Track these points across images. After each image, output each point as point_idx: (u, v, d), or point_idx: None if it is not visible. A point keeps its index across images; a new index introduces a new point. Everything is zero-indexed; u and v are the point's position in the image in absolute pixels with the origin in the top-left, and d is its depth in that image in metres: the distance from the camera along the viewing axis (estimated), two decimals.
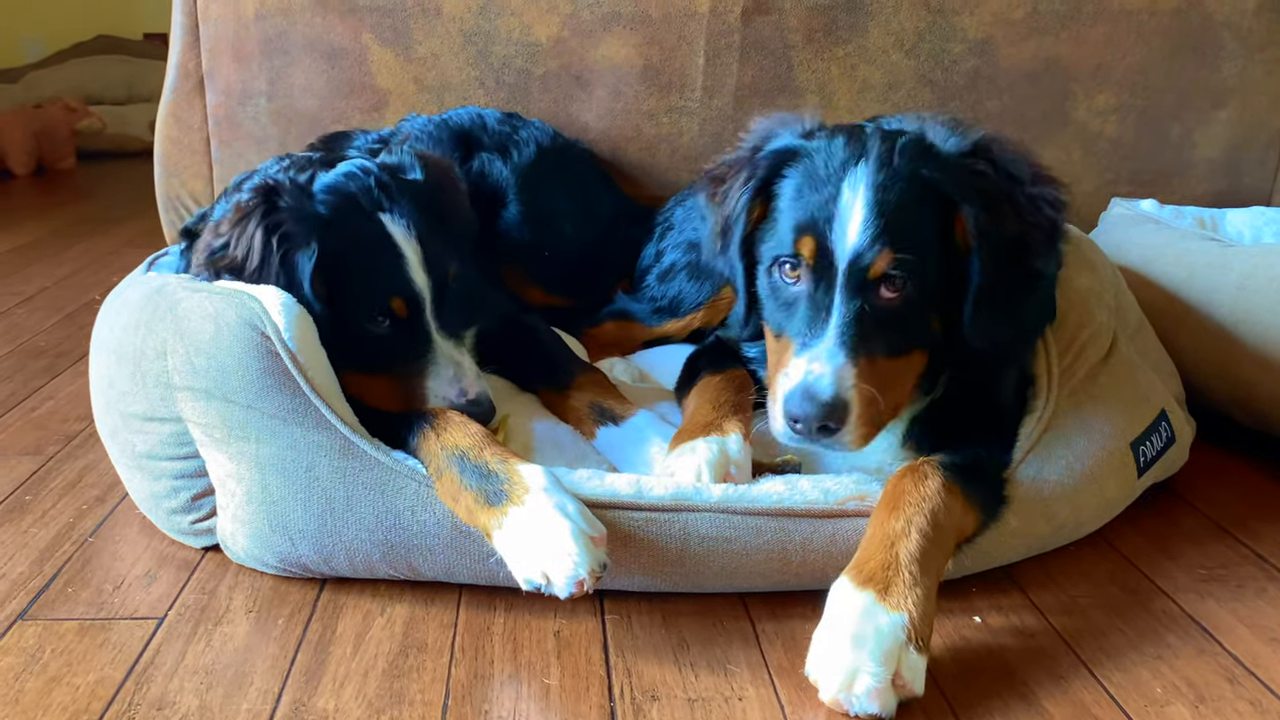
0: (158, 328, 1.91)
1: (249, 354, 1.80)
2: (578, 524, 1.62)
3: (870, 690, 1.46)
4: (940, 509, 1.66)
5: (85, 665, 1.61)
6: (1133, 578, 1.88)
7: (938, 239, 1.77)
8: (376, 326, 1.95)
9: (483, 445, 1.76)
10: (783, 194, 1.84)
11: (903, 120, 1.93)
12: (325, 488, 1.77)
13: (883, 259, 1.72)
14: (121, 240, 4.47)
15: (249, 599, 1.79)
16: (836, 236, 1.74)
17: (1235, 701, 1.55)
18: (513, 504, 1.66)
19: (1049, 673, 1.61)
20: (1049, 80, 3.10)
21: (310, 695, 1.55)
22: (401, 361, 1.97)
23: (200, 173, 3.18)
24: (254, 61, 3.09)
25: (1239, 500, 2.16)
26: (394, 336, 1.97)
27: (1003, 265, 1.76)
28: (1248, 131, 3.17)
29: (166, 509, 1.94)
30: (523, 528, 1.63)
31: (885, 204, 1.73)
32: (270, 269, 1.90)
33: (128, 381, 1.94)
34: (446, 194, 2.14)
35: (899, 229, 1.73)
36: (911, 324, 1.78)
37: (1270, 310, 2.25)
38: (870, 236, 1.72)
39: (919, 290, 1.75)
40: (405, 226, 1.96)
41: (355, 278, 1.94)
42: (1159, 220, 2.79)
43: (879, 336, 1.74)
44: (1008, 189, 1.79)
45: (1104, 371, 2.02)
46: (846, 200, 1.75)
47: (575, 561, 1.58)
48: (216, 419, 1.81)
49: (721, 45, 3.07)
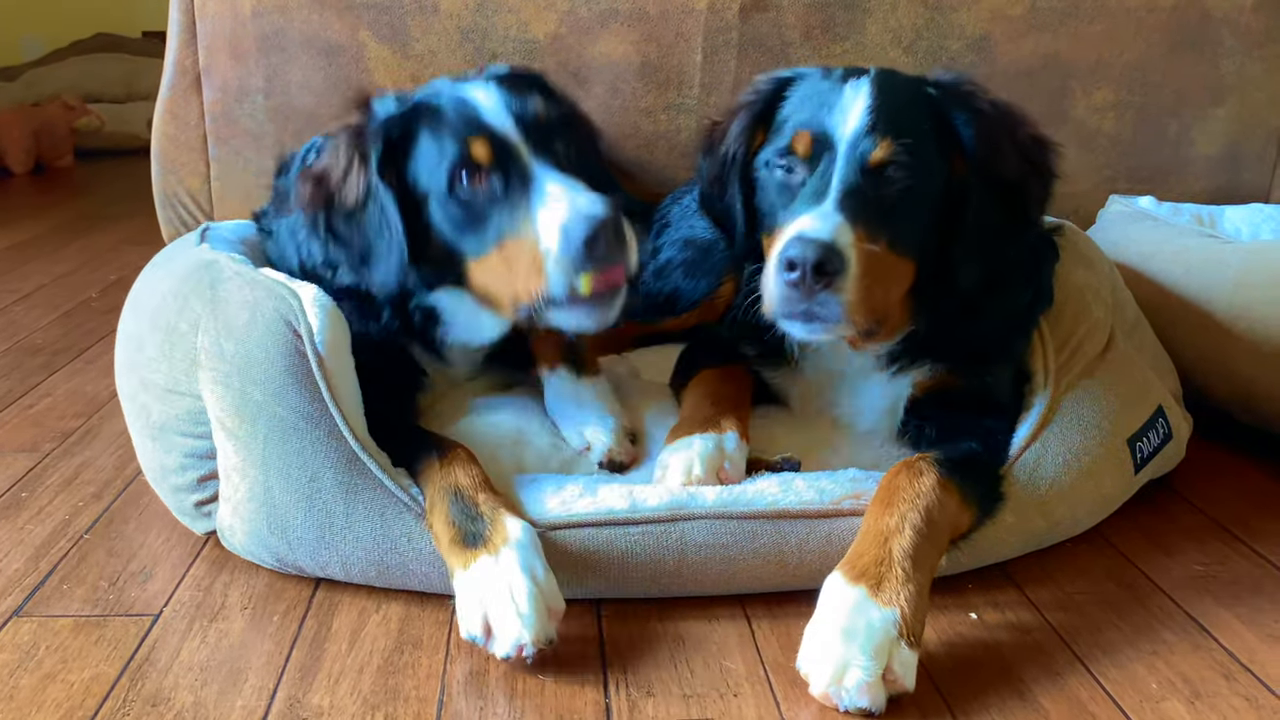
0: (194, 303, 1.92)
1: (277, 348, 1.80)
2: (540, 590, 1.58)
3: (860, 685, 1.46)
4: (935, 505, 1.66)
5: (80, 662, 1.61)
6: (1129, 574, 1.88)
7: (936, 155, 1.80)
8: (468, 187, 1.80)
9: (479, 487, 1.73)
10: (783, 111, 1.89)
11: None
12: (327, 500, 1.76)
13: (883, 147, 1.75)
14: (119, 238, 4.47)
15: (244, 596, 1.79)
16: (836, 125, 1.78)
17: (1231, 698, 1.54)
18: (485, 551, 1.62)
19: (1045, 669, 1.61)
20: (1047, 77, 3.09)
21: (305, 692, 1.55)
22: (509, 217, 1.78)
23: (197, 170, 3.17)
24: (251, 58, 3.08)
25: (1236, 497, 2.15)
26: (494, 194, 1.80)
27: (995, 201, 1.80)
28: (1246, 128, 3.16)
29: (173, 485, 1.94)
30: (486, 576, 1.59)
31: (887, 103, 1.78)
32: (351, 171, 1.85)
33: (155, 349, 1.95)
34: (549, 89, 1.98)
35: (899, 124, 1.77)
36: (907, 221, 1.78)
37: (1267, 307, 2.25)
38: (870, 124, 1.76)
39: (917, 188, 1.78)
40: (486, 87, 1.85)
41: (431, 145, 1.84)
42: (1157, 217, 2.79)
43: (876, 220, 1.73)
44: (1008, 123, 1.84)
45: (1101, 367, 2.01)
46: (849, 98, 1.79)
47: (524, 626, 1.54)
48: (231, 408, 1.81)
49: (719, 42, 3.07)
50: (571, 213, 1.70)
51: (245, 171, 3.16)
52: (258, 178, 3.16)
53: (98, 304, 3.51)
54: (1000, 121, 1.84)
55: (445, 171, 1.80)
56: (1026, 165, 1.84)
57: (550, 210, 1.72)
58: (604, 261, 1.70)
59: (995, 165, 1.79)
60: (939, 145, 1.80)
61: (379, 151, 1.82)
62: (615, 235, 1.70)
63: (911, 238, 1.79)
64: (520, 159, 1.78)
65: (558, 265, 1.70)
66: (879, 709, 1.48)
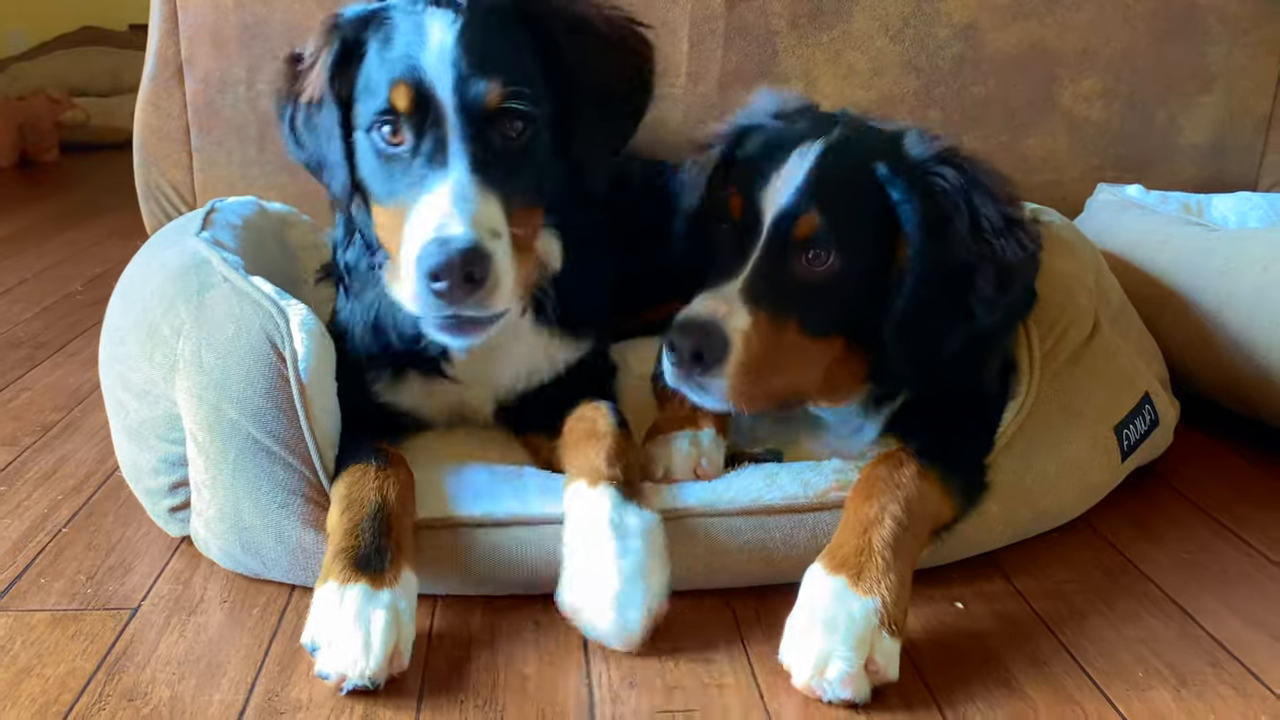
0: (180, 307, 1.87)
1: (259, 368, 1.75)
2: (399, 640, 1.51)
3: (842, 675, 1.45)
4: (915, 495, 1.64)
5: (56, 656, 1.59)
6: (1116, 562, 1.87)
7: (874, 236, 1.71)
8: (385, 135, 1.65)
9: (402, 516, 1.64)
10: (738, 161, 1.84)
11: (881, 123, 1.90)
12: (297, 528, 1.72)
13: (808, 222, 1.68)
14: (104, 232, 4.44)
15: (223, 589, 1.77)
16: (770, 196, 1.70)
17: (1217, 685, 1.54)
18: (369, 581, 1.53)
19: (1031, 658, 1.60)
20: (1034, 65, 3.08)
21: (284, 686, 1.53)
22: (406, 184, 1.63)
23: (180, 161, 3.15)
24: (233, 49, 3.05)
25: (1222, 484, 2.15)
26: (402, 153, 1.64)
27: (934, 292, 1.69)
28: (1233, 116, 3.16)
29: (147, 487, 1.91)
30: (356, 604, 1.51)
31: (825, 179, 1.69)
32: (314, 68, 1.74)
33: (136, 346, 1.90)
34: (548, 15, 1.73)
35: (833, 204, 1.68)
36: (828, 303, 1.71)
37: (1253, 296, 2.24)
38: (801, 197, 1.69)
39: (843, 269, 1.70)
40: (449, 21, 1.64)
41: (372, 70, 1.68)
42: (1144, 206, 2.78)
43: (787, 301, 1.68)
44: (971, 205, 1.70)
45: (1086, 355, 2.00)
46: (790, 168, 1.71)
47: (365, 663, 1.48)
48: (204, 422, 1.76)
49: (705, 31, 3.05)
50: (423, 239, 1.54)
51: (228, 162, 3.14)
52: (240, 169, 3.14)
53: (82, 297, 3.48)
54: (957, 203, 1.70)
55: (370, 109, 1.67)
56: (981, 252, 1.70)
57: (417, 219, 1.58)
58: (451, 296, 1.55)
59: (937, 252, 1.68)
60: (883, 228, 1.70)
61: (334, 55, 1.71)
62: (465, 280, 1.52)
63: (830, 319, 1.73)
64: (441, 130, 1.61)
65: (409, 280, 1.58)
66: (863, 699, 1.46)
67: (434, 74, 1.61)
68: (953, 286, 1.70)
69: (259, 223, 2.38)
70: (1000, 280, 1.71)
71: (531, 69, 1.68)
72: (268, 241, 2.36)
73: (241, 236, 2.20)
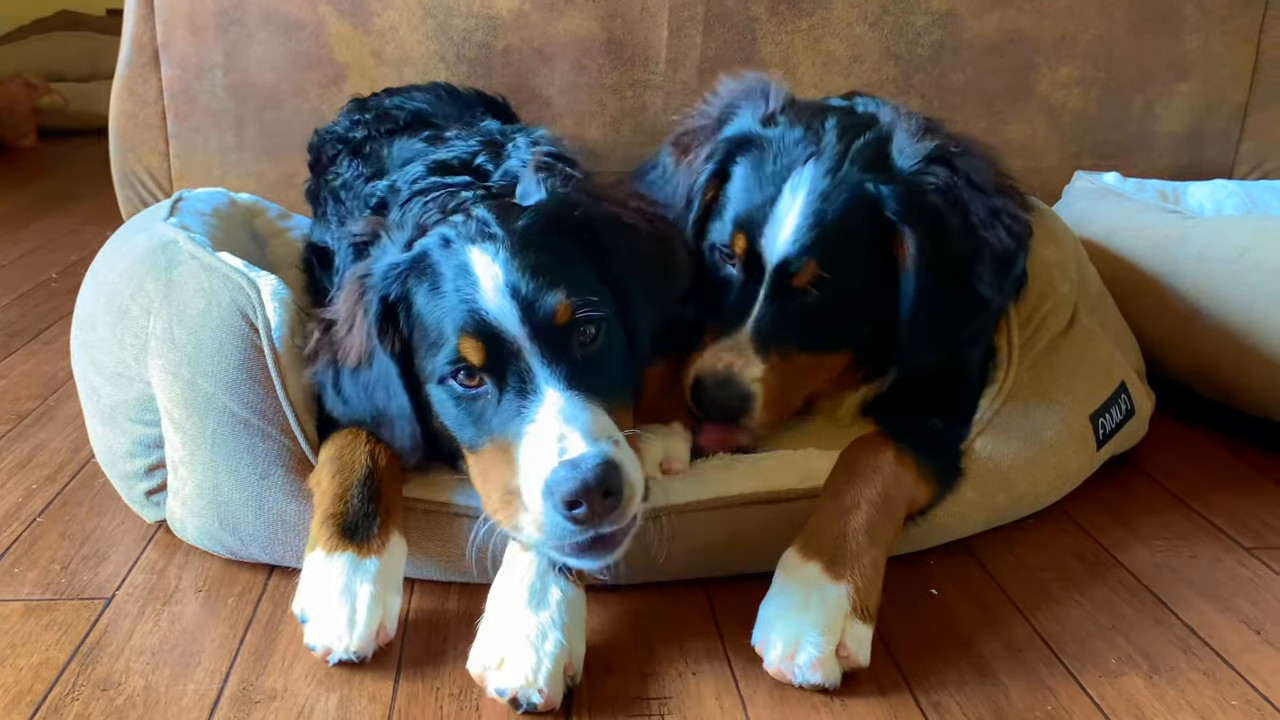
0: (148, 286, 1.87)
1: (231, 341, 1.75)
2: (385, 610, 1.52)
3: (812, 660, 1.45)
4: (890, 480, 1.65)
5: (29, 647, 1.58)
6: (1090, 549, 1.88)
7: (875, 254, 1.76)
8: (461, 381, 1.54)
9: (393, 481, 1.64)
10: (732, 181, 1.85)
11: (879, 105, 1.90)
12: (278, 499, 1.72)
13: (809, 269, 1.75)
14: (81, 219, 4.40)
15: (198, 578, 1.77)
16: (768, 236, 1.76)
17: (1189, 672, 1.55)
18: (356, 549, 1.54)
19: (1005, 645, 1.61)
20: (1013, 52, 3.09)
21: (259, 675, 1.53)
22: (499, 422, 1.51)
23: (157, 148, 3.13)
24: (209, 34, 3.03)
25: (1196, 471, 2.16)
26: (488, 396, 1.53)
27: (942, 289, 1.75)
28: (1210, 104, 3.17)
29: (122, 471, 1.90)
30: (342, 572, 1.52)
31: (820, 214, 1.74)
32: (353, 328, 1.63)
33: (107, 330, 1.90)
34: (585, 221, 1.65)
35: (830, 242, 1.74)
36: (832, 326, 1.80)
37: (1228, 282, 2.25)
38: (799, 245, 1.74)
39: (846, 295, 1.77)
40: (493, 253, 1.55)
41: (428, 321, 1.58)
42: (1121, 193, 2.79)
43: (794, 334, 1.78)
44: (961, 202, 1.75)
45: (1064, 343, 2.01)
46: (785, 204, 1.76)
47: (350, 635, 1.49)
48: (179, 399, 1.76)
49: (685, 18, 3.04)
50: (546, 468, 1.41)
51: (205, 149, 3.12)
52: (218, 155, 3.13)
53: (58, 284, 3.45)
54: (949, 203, 1.75)
55: (439, 362, 1.55)
56: (976, 243, 1.76)
57: (530, 451, 1.45)
58: (591, 518, 1.41)
59: (936, 252, 1.73)
60: (881, 243, 1.75)
61: (375, 315, 1.59)
62: (604, 497, 1.40)
63: (839, 338, 1.82)
64: (521, 361, 1.50)
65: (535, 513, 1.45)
66: (833, 684, 1.47)
67: (498, 313, 1.51)
68: (957, 277, 1.76)
69: (228, 212, 2.37)
70: (999, 265, 1.79)
71: (584, 274, 1.59)
72: (236, 230, 2.35)
73: (210, 223, 2.19)
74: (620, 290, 1.63)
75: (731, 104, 1.94)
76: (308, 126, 3.10)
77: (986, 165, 1.81)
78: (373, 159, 2.11)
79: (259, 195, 2.74)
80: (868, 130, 1.82)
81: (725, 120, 1.92)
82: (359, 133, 2.27)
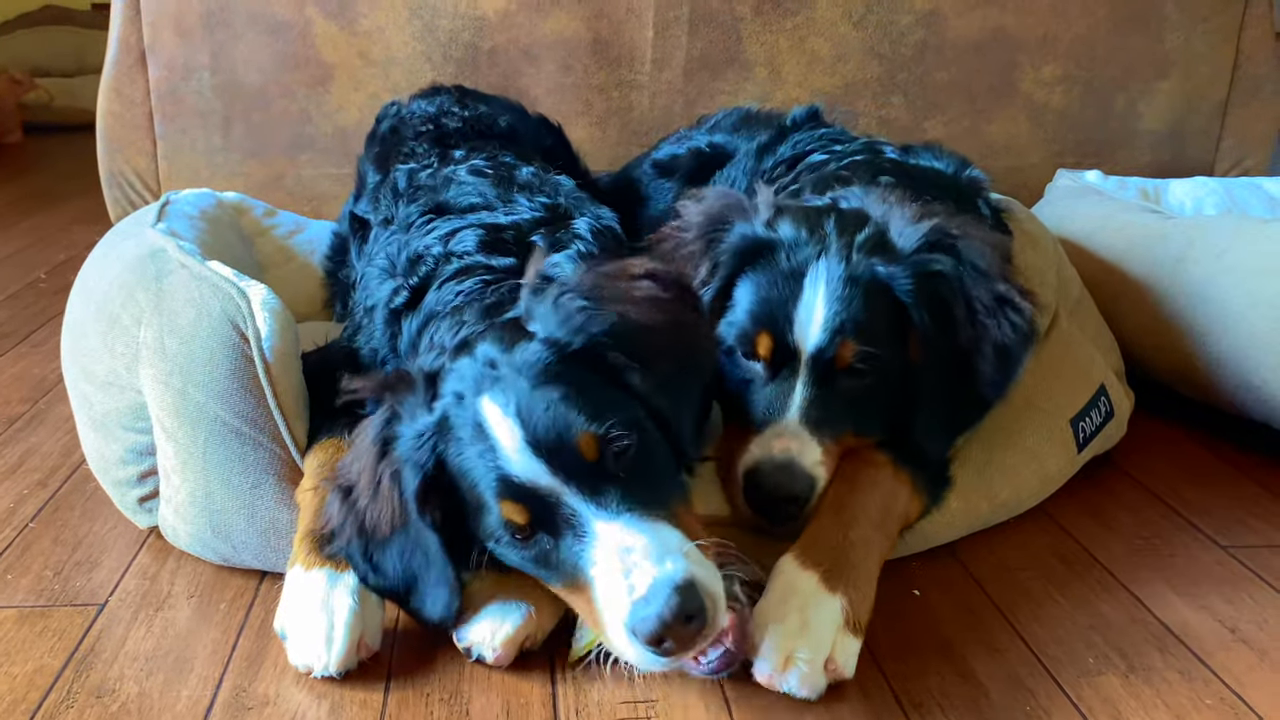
0: (139, 295, 1.88)
1: (222, 351, 1.75)
2: (364, 625, 1.53)
3: (801, 674, 1.47)
4: (889, 496, 1.69)
5: (23, 654, 1.60)
6: (1070, 549, 1.91)
7: (895, 334, 1.75)
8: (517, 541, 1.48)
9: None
10: (740, 287, 1.82)
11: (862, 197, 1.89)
12: (270, 507, 1.74)
13: (847, 349, 1.72)
14: (69, 217, 4.39)
15: (191, 584, 1.79)
16: (799, 332, 1.73)
17: (1165, 671, 1.58)
18: (334, 565, 1.56)
19: (986, 646, 1.63)
20: (996, 51, 3.11)
21: (251, 681, 1.55)
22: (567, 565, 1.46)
23: (144, 149, 3.14)
24: (196, 35, 3.05)
25: (1175, 469, 2.19)
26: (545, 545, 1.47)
27: (952, 380, 1.76)
28: (1191, 103, 3.20)
29: (114, 478, 1.91)
30: (321, 588, 1.54)
31: (844, 303, 1.73)
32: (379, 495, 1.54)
33: (97, 339, 1.91)
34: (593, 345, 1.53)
35: (859, 322, 1.72)
36: (878, 404, 1.76)
37: (1207, 282, 2.27)
38: (832, 329, 1.72)
39: (878, 379, 1.75)
40: (504, 404, 1.46)
41: (466, 489, 1.50)
42: (1102, 191, 2.82)
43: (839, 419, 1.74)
44: (961, 291, 1.75)
45: (1045, 348, 2.03)
46: (808, 299, 1.74)
47: (328, 653, 1.51)
48: (170, 408, 1.77)
49: (670, 18, 3.06)
50: (628, 602, 1.36)
51: (192, 150, 3.13)
52: (205, 156, 3.14)
53: (46, 285, 3.45)
54: (954, 289, 1.75)
55: (489, 526, 1.49)
56: (978, 334, 1.75)
57: (601, 595, 1.40)
58: (680, 654, 1.38)
59: (943, 340, 1.74)
60: (896, 327, 1.75)
61: (415, 490, 1.50)
62: (686, 622, 1.34)
63: (879, 418, 1.78)
64: (564, 508, 1.43)
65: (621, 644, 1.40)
66: (816, 696, 1.49)
67: (525, 472, 1.43)
68: (961, 371, 1.76)
69: (215, 214, 2.38)
70: (1000, 361, 1.76)
71: (603, 393, 1.50)
72: (225, 232, 2.37)
73: (199, 226, 2.21)
74: (648, 393, 1.54)
75: (714, 219, 1.91)
76: (295, 127, 3.13)
77: (988, 250, 1.81)
78: (447, 160, 2.11)
79: (246, 195, 2.75)
80: (865, 224, 1.82)
81: (714, 238, 1.89)
82: (453, 123, 2.26)
